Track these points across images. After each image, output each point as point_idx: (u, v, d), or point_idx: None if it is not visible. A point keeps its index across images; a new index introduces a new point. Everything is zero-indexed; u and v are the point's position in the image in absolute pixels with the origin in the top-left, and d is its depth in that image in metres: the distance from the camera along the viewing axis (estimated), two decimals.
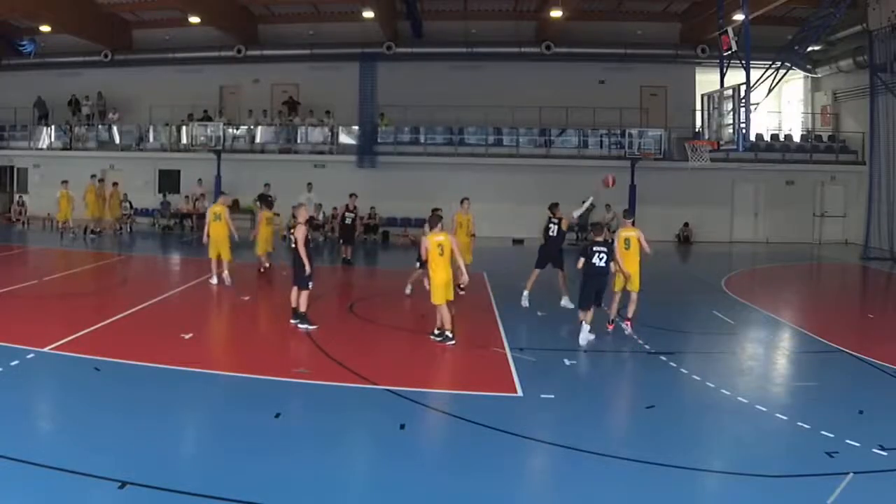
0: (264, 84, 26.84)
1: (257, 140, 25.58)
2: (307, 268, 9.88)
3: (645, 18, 24.97)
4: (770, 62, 15.77)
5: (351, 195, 17.30)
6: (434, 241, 9.09)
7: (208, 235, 13.84)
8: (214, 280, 13.72)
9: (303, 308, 10.05)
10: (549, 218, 12.32)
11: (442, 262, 9.06)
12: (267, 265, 15.36)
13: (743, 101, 14.27)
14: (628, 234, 10.36)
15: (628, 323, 10.39)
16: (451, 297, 9.25)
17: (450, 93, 24.67)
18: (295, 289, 10.16)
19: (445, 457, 5.94)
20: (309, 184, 20.99)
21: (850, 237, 23.65)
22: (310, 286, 9.99)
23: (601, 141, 24.81)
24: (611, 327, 10.29)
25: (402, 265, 18.96)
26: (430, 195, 24.14)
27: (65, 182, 20.95)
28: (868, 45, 20.34)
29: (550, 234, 12.29)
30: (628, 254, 10.21)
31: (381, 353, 9.16)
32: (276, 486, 5.22)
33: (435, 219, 9.59)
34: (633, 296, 10.32)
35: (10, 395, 6.96)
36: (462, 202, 13.67)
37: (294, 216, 10.82)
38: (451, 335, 9.25)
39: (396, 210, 24.48)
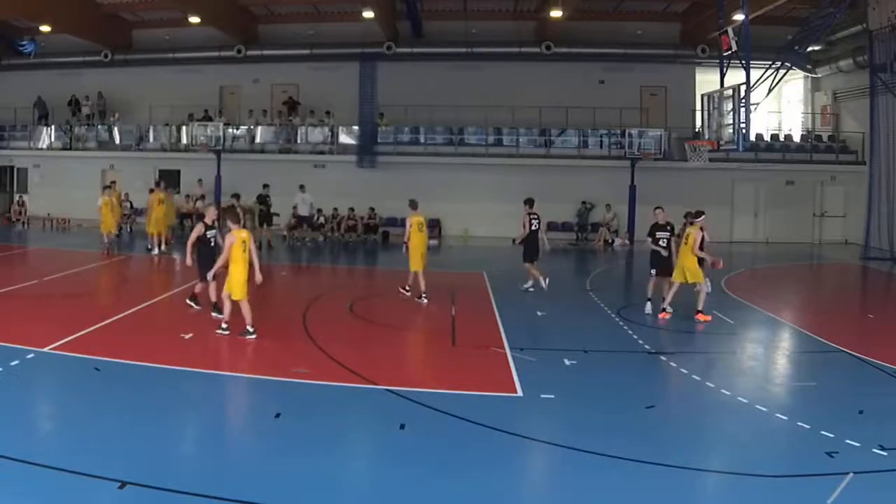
0: (264, 84, 26.83)
1: (257, 140, 25.55)
2: (188, 260, 10.60)
3: (645, 18, 24.93)
4: (770, 62, 15.76)
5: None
6: (239, 238, 9.39)
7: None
8: (156, 251, 17.44)
9: (197, 290, 10.94)
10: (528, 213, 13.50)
11: (244, 258, 9.37)
12: (153, 249, 16.50)
13: (743, 101, 14.28)
14: (688, 231, 11.62)
15: (662, 315, 11.42)
16: (247, 293, 9.44)
17: (450, 93, 24.64)
18: (212, 282, 10.45)
19: (445, 457, 5.93)
20: (301, 185, 21.14)
21: (850, 237, 23.60)
22: (208, 278, 10.29)
23: (601, 141, 24.77)
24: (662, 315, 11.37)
25: (401, 265, 18.98)
26: (430, 195, 24.19)
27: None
28: (868, 45, 20.32)
29: (533, 227, 13.45)
30: (683, 248, 11.46)
31: (381, 353, 9.15)
32: (276, 486, 5.22)
33: (236, 213, 9.85)
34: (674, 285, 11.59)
35: (10, 395, 6.96)
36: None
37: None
38: (252, 329, 9.38)
39: (396, 210, 24.43)
